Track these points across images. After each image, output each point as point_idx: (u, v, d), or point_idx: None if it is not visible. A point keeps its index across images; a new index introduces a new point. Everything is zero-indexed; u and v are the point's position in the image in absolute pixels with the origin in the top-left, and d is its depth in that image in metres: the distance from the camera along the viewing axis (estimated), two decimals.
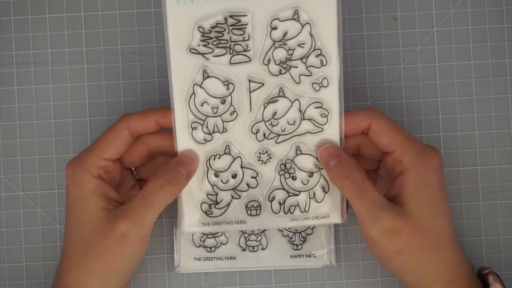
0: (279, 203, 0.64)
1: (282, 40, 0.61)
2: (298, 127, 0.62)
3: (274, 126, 0.62)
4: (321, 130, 0.62)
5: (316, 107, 0.62)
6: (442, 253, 0.61)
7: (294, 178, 0.64)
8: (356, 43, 0.70)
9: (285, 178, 0.64)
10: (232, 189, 0.63)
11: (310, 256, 0.69)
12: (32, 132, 0.70)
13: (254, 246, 0.69)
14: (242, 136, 0.62)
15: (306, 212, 0.64)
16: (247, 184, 0.63)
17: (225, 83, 0.61)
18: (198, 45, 0.60)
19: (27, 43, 0.70)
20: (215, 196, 0.63)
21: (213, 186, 0.63)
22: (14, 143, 0.70)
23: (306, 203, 0.64)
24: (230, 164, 0.63)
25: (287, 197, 0.64)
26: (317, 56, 0.61)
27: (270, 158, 0.63)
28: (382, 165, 0.65)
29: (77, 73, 0.70)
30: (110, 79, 0.70)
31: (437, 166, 0.61)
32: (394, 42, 0.70)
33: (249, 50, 0.61)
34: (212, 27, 0.60)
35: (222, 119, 0.62)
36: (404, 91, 0.70)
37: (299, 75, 0.61)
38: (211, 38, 0.60)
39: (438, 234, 0.61)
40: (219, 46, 0.60)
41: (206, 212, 0.64)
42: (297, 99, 0.62)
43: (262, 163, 0.63)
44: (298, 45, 0.61)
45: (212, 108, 0.62)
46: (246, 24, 0.60)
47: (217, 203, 0.64)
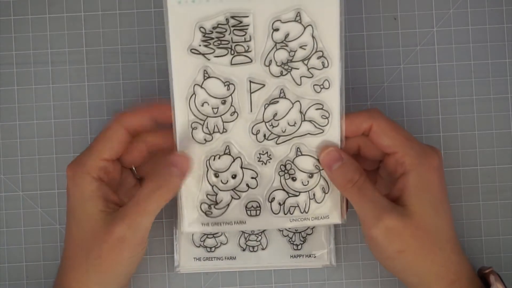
0: (279, 204, 0.64)
1: (284, 41, 0.60)
2: (298, 128, 0.62)
3: (275, 127, 0.62)
4: (321, 131, 0.62)
5: (317, 109, 0.62)
6: (444, 253, 0.61)
7: (294, 179, 0.64)
8: (356, 43, 0.70)
9: (285, 179, 0.64)
10: (232, 189, 0.63)
11: (310, 256, 0.69)
12: (32, 132, 0.70)
13: (254, 246, 0.69)
14: (242, 136, 0.62)
15: (306, 212, 0.64)
16: (247, 184, 0.63)
17: (225, 84, 0.61)
18: (199, 45, 0.60)
19: (27, 43, 0.70)
20: (215, 196, 0.63)
21: (212, 187, 0.63)
22: (14, 143, 0.70)
23: (306, 204, 0.64)
24: (230, 164, 0.63)
25: (287, 197, 0.64)
26: (318, 58, 0.61)
27: (270, 158, 0.63)
28: (382, 165, 0.65)
29: (77, 73, 0.70)
30: (110, 79, 0.70)
31: (437, 166, 0.61)
32: (394, 42, 0.70)
33: (250, 51, 0.60)
34: (213, 28, 0.60)
35: (222, 120, 0.62)
36: (404, 91, 0.70)
37: (300, 77, 0.61)
38: (212, 39, 0.60)
39: (439, 234, 0.61)
40: (220, 46, 0.60)
41: (206, 212, 0.64)
42: (298, 101, 0.62)
43: (262, 164, 0.63)
44: (300, 46, 0.61)
45: (212, 108, 0.62)
46: (248, 25, 0.60)
47: (216, 204, 0.64)
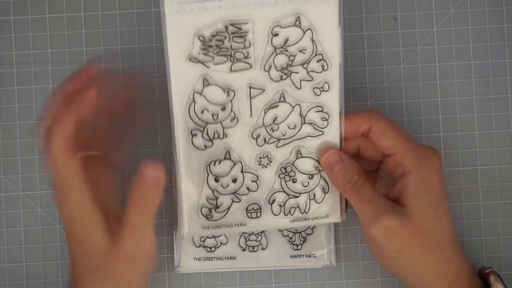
0: (280, 205, 0.64)
1: (283, 46, 0.60)
2: (298, 131, 0.62)
3: (275, 130, 0.62)
4: (321, 133, 0.62)
5: (317, 111, 0.62)
6: (443, 253, 0.61)
7: (294, 181, 0.64)
8: (356, 43, 0.70)
9: (285, 181, 0.64)
10: (232, 193, 0.63)
11: (310, 256, 0.69)
12: (32, 132, 0.70)
13: (254, 246, 0.69)
14: (242, 141, 0.62)
15: (306, 213, 0.64)
16: (248, 188, 0.63)
17: (225, 90, 0.61)
18: (198, 53, 0.60)
19: (27, 43, 0.70)
20: (215, 200, 0.63)
21: (213, 191, 0.63)
22: (14, 143, 0.70)
23: (306, 204, 0.64)
24: (231, 169, 0.63)
25: (288, 199, 0.64)
26: (318, 61, 0.61)
27: (271, 162, 0.63)
28: (382, 166, 0.65)
29: None
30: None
31: (437, 167, 0.61)
32: (394, 42, 0.70)
33: (250, 57, 0.60)
34: (212, 36, 0.59)
35: (222, 126, 0.62)
36: (404, 91, 0.70)
37: (300, 80, 0.61)
38: (212, 47, 0.60)
39: (439, 234, 0.61)
40: (220, 54, 0.60)
41: (207, 216, 0.64)
42: (297, 104, 0.62)
43: (262, 167, 0.63)
44: (300, 51, 0.61)
45: (212, 115, 0.61)
46: (247, 31, 0.60)
47: (217, 207, 0.64)
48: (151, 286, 0.70)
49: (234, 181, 0.63)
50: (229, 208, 0.64)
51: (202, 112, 0.61)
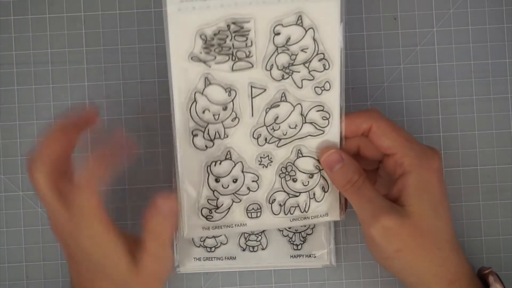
0: (280, 205, 0.64)
1: (285, 45, 0.60)
2: (299, 131, 0.62)
3: (276, 130, 0.62)
4: (322, 132, 0.62)
5: (317, 110, 0.62)
6: (443, 253, 0.61)
7: (294, 180, 0.64)
8: (356, 43, 0.70)
9: (285, 181, 0.64)
10: (232, 193, 0.63)
11: (310, 256, 0.69)
12: (32, 132, 0.70)
13: (254, 246, 0.69)
14: (243, 141, 0.62)
15: (306, 212, 0.65)
16: (248, 188, 0.63)
17: (227, 90, 0.61)
18: (200, 52, 0.59)
19: (27, 43, 0.70)
20: (216, 201, 0.63)
21: (213, 191, 0.63)
22: (14, 143, 0.70)
23: (306, 203, 0.64)
24: (231, 169, 0.63)
25: (288, 198, 0.64)
26: (320, 60, 0.61)
27: (271, 161, 0.63)
28: (382, 165, 0.65)
29: (77, 73, 0.70)
30: (110, 79, 0.70)
31: (437, 168, 0.61)
32: (394, 42, 0.70)
33: (251, 56, 0.60)
34: (214, 34, 0.59)
35: (223, 126, 0.62)
36: (404, 91, 0.70)
37: (302, 80, 0.61)
38: (213, 45, 0.59)
39: (438, 234, 0.61)
40: (221, 53, 0.60)
41: (207, 217, 0.64)
42: (299, 103, 0.62)
43: (263, 167, 0.63)
44: (301, 50, 0.60)
45: (213, 115, 0.61)
46: (249, 30, 0.59)
47: (217, 208, 0.63)
48: None
49: (235, 181, 0.63)
50: (229, 208, 0.64)
51: (204, 112, 0.61)
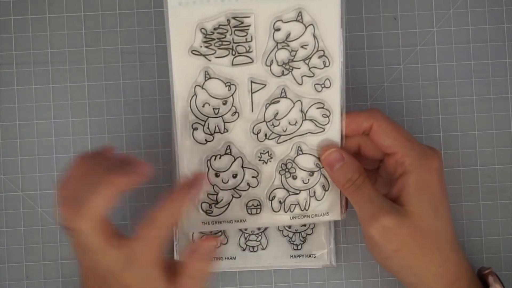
0: (279, 202, 0.64)
1: (285, 41, 0.60)
2: (299, 128, 0.62)
3: (276, 126, 0.62)
4: (322, 130, 0.63)
5: (317, 108, 0.62)
6: (442, 253, 0.61)
7: (294, 178, 0.64)
8: (356, 43, 0.70)
9: (285, 178, 0.64)
10: (232, 188, 0.64)
11: (310, 256, 0.69)
12: (32, 132, 0.70)
13: (254, 246, 0.69)
14: (243, 136, 0.62)
15: (306, 210, 0.65)
16: (248, 183, 0.64)
17: (227, 84, 0.61)
18: (200, 46, 0.60)
19: (27, 43, 0.70)
20: (215, 195, 0.64)
21: (213, 186, 0.63)
22: (14, 143, 0.70)
23: (306, 202, 0.64)
24: (231, 164, 0.63)
25: (288, 195, 0.64)
26: (320, 57, 0.61)
27: (271, 158, 0.63)
28: (382, 165, 0.65)
29: (77, 73, 0.70)
30: (110, 79, 0.70)
31: (437, 168, 0.61)
32: (394, 42, 0.70)
33: (251, 51, 0.60)
34: (214, 29, 0.60)
35: (223, 120, 0.62)
36: (404, 91, 0.70)
37: (302, 76, 0.61)
38: (213, 40, 0.60)
39: (438, 234, 0.61)
40: (221, 47, 0.60)
41: (206, 211, 0.64)
42: (299, 100, 0.62)
43: (263, 163, 0.63)
44: (301, 46, 0.61)
45: (213, 108, 0.61)
46: (249, 25, 0.60)
47: (217, 203, 0.64)
48: None
49: (235, 176, 0.63)
50: (229, 203, 0.64)
51: (203, 105, 0.61)
